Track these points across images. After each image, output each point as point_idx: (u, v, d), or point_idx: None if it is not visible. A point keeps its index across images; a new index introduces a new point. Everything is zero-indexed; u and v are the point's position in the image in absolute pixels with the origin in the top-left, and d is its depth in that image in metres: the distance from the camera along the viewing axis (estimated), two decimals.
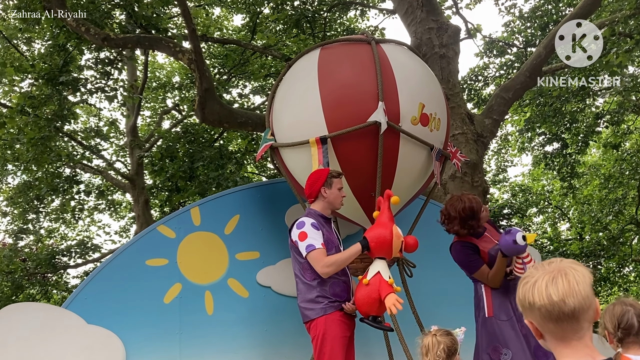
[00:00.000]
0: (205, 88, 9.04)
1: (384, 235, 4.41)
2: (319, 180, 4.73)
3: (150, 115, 19.54)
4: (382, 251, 4.45)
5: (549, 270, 1.85)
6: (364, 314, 4.47)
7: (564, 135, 15.28)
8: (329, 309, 4.43)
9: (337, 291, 4.53)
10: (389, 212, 4.54)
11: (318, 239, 4.44)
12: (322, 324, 4.40)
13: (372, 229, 4.53)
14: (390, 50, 5.69)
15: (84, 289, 5.80)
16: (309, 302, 4.49)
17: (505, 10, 15.05)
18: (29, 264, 15.25)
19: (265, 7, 14.09)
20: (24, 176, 15.99)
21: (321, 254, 4.39)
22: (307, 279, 4.50)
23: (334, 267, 4.39)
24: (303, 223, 4.51)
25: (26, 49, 14.63)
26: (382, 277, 4.37)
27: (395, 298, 4.24)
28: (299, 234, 4.47)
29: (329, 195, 4.72)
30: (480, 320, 4.98)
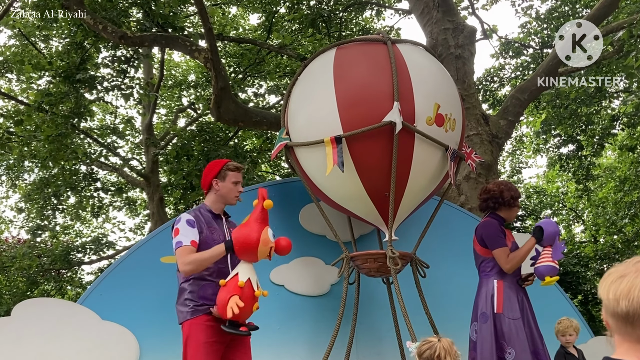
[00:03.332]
0: (221, 87, 9.08)
1: (251, 240, 3.95)
2: (212, 170, 4.48)
3: (166, 114, 19.63)
4: (246, 255, 4.02)
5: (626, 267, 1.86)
6: (224, 317, 4.02)
7: (579, 137, 15.21)
8: (194, 312, 4.14)
9: (207, 294, 4.20)
10: (261, 213, 4.03)
11: (189, 235, 4.15)
12: (186, 328, 4.14)
13: (240, 228, 4.06)
14: (406, 50, 5.69)
15: (99, 285, 5.84)
16: (180, 305, 4.23)
17: (522, 11, 15.01)
18: (44, 260, 15.37)
19: (281, 7, 14.13)
20: (41, 173, 16.13)
21: (186, 251, 4.08)
22: (180, 280, 4.26)
23: (193, 265, 4.05)
24: (179, 219, 4.26)
25: (44, 46, 14.74)
26: (237, 279, 3.96)
27: (235, 300, 3.87)
28: (174, 230, 4.22)
29: (221, 188, 4.45)
30: (487, 314, 5.00)
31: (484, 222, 5.26)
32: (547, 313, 7.04)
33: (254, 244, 3.95)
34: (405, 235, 6.05)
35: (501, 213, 5.31)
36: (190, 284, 4.21)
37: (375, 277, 6.01)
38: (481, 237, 5.19)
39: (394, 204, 5.43)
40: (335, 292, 6.39)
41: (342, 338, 5.79)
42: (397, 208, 5.55)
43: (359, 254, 5.76)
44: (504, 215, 5.31)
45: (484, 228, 5.19)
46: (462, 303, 6.84)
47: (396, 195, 5.41)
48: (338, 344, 5.72)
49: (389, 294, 6.08)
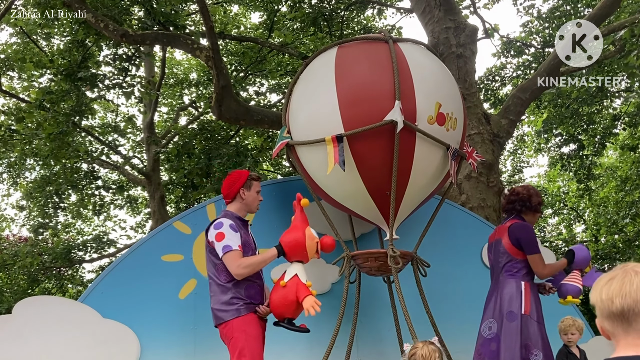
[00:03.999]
0: (222, 85, 9.07)
1: (297, 239, 4.41)
2: (238, 181, 4.72)
3: (167, 112, 19.64)
4: (297, 255, 4.44)
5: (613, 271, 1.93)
6: (279, 316, 4.43)
7: (580, 136, 15.20)
8: (243, 310, 4.38)
9: (251, 293, 4.47)
10: (301, 215, 4.55)
11: (235, 240, 4.40)
12: (238, 324, 4.34)
13: (285, 233, 4.52)
14: (407, 49, 5.68)
15: (100, 283, 5.85)
16: (223, 304, 4.40)
17: (524, 10, 15.00)
18: (45, 257, 15.38)
19: (282, 5, 14.12)
20: (42, 171, 16.14)
21: (237, 255, 4.35)
22: (221, 281, 4.43)
23: (249, 269, 4.36)
24: (221, 224, 4.45)
25: (45, 44, 14.75)
26: (300, 280, 4.35)
27: (313, 300, 4.24)
28: (216, 235, 4.41)
29: (247, 197, 4.73)
30: (515, 313, 5.05)
31: (521, 225, 5.29)
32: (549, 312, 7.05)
33: (302, 242, 4.40)
34: (406, 234, 6.05)
35: (525, 217, 5.40)
36: (234, 284, 4.41)
37: (376, 276, 6.02)
38: (517, 239, 5.22)
39: (395, 203, 5.43)
40: (336, 291, 6.39)
41: (343, 337, 5.78)
42: (398, 207, 5.55)
43: (360, 253, 5.76)
44: (528, 220, 5.40)
45: (523, 231, 5.23)
46: (463, 302, 6.87)
47: (397, 194, 5.41)
48: (339, 343, 5.72)
49: (390, 293, 6.08)
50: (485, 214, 8.86)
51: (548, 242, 18.32)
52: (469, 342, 6.59)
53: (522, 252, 5.18)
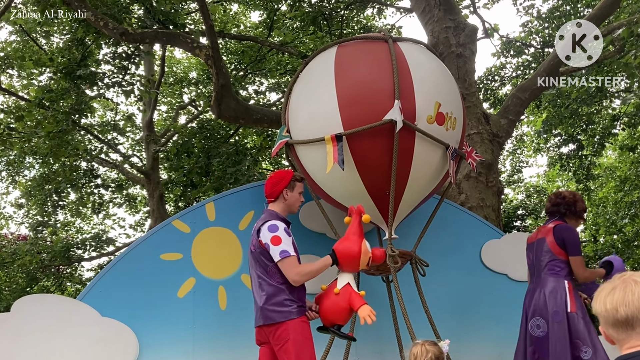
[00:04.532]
0: (222, 84, 9.07)
1: (353, 252, 4.41)
2: (282, 181, 4.70)
3: (166, 111, 19.63)
4: (349, 266, 4.46)
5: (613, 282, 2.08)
6: (329, 322, 4.46)
7: (580, 136, 15.20)
8: (296, 313, 4.38)
9: (301, 296, 4.50)
10: (358, 227, 4.52)
11: (291, 245, 4.41)
12: (294, 326, 4.34)
13: (341, 242, 4.51)
14: (407, 48, 5.68)
15: (99, 281, 5.85)
16: (276, 305, 4.38)
17: (523, 10, 14.99)
18: (44, 256, 15.38)
19: (282, 4, 14.12)
20: (41, 169, 16.13)
21: (295, 261, 4.37)
22: (274, 282, 4.41)
23: (307, 277, 4.40)
24: (276, 227, 4.43)
25: (45, 42, 14.74)
26: (353, 288, 4.40)
27: (369, 310, 4.27)
28: (271, 238, 4.39)
29: (290, 198, 4.70)
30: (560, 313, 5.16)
31: (567, 226, 5.46)
32: None
33: (357, 256, 4.39)
34: (405, 234, 6.06)
35: (568, 220, 5.55)
36: (287, 286, 4.41)
37: (375, 275, 6.02)
38: (562, 239, 5.37)
39: (394, 203, 5.43)
40: None
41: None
42: (397, 206, 5.55)
43: None
44: (570, 224, 5.54)
45: (569, 232, 5.40)
46: (462, 301, 6.89)
47: (396, 193, 5.41)
48: (337, 342, 5.74)
49: (389, 292, 6.08)
50: (484, 213, 8.87)
51: None
52: (468, 342, 6.64)
53: (564, 252, 5.34)
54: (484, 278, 7.12)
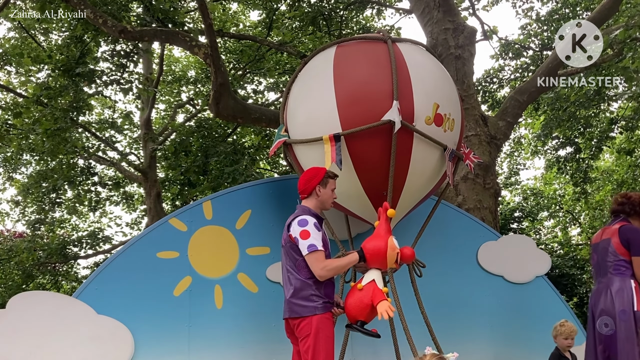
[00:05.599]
0: (220, 83, 9.07)
1: (379, 247, 4.45)
2: (315, 177, 4.72)
3: (164, 109, 19.61)
4: (377, 263, 4.48)
5: None
6: (352, 318, 4.48)
7: (577, 139, 15.21)
8: (321, 309, 4.42)
9: (328, 292, 4.53)
10: (386, 224, 4.59)
11: (319, 240, 4.44)
12: (317, 322, 4.39)
13: (369, 240, 4.56)
14: (406, 49, 5.68)
15: (95, 279, 5.84)
16: (302, 299, 4.45)
17: (523, 12, 15.01)
18: (40, 253, 15.35)
19: (281, 4, 14.10)
20: (38, 166, 16.10)
21: (321, 256, 4.40)
22: (302, 277, 4.47)
23: (333, 272, 4.42)
24: (306, 221, 4.48)
25: (43, 39, 14.71)
26: (376, 285, 4.41)
27: (387, 305, 4.28)
28: (300, 232, 4.44)
29: (323, 194, 4.72)
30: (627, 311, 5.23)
31: (632, 227, 5.50)
32: (544, 315, 7.08)
33: (384, 252, 4.44)
34: (402, 235, 6.03)
35: (633, 221, 5.59)
36: (314, 281, 4.45)
37: None
38: (627, 240, 5.42)
39: (392, 203, 5.42)
40: None
41: (338, 336, 5.77)
42: (394, 207, 5.54)
43: None
44: (635, 224, 5.57)
45: (634, 233, 5.44)
46: (458, 302, 6.89)
47: (394, 194, 5.41)
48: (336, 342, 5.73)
49: None
50: (481, 215, 8.88)
51: (543, 244, 18.32)
52: (463, 343, 6.63)
53: (628, 252, 5.39)
54: (480, 279, 7.13)
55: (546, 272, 7.44)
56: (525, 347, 6.98)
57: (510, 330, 7.03)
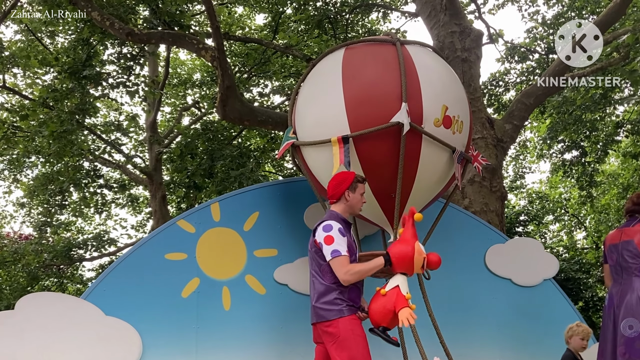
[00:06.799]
0: (227, 85, 9.08)
1: (406, 252, 4.43)
2: (344, 182, 4.69)
3: (170, 112, 19.65)
4: (403, 267, 4.46)
5: None
6: (375, 323, 4.45)
7: (583, 143, 15.21)
8: (346, 311, 4.40)
9: (352, 296, 4.50)
10: (412, 229, 4.57)
11: (343, 245, 4.41)
12: (344, 324, 4.36)
13: (395, 244, 4.55)
14: (414, 51, 5.68)
15: (103, 280, 5.84)
16: (327, 304, 4.43)
17: (528, 16, 15.02)
18: (45, 255, 15.38)
19: (287, 7, 14.13)
20: (43, 169, 16.13)
21: (345, 261, 4.38)
22: (325, 281, 4.46)
23: (356, 276, 4.39)
24: (330, 226, 4.46)
25: (49, 42, 14.76)
26: (400, 291, 4.38)
27: (409, 312, 4.27)
28: (325, 237, 4.43)
29: (352, 199, 4.68)
30: None
31: None
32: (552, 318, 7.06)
33: (410, 257, 4.42)
34: None
35: None
36: (339, 286, 4.44)
37: (380, 278, 6.00)
38: None
39: (400, 205, 5.43)
40: None
41: None
42: (402, 209, 5.54)
43: (364, 255, 5.74)
44: None
45: None
46: (466, 305, 6.88)
47: (402, 196, 5.41)
48: None
49: None
50: (487, 218, 8.87)
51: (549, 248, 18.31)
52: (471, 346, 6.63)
53: None
54: (487, 282, 7.12)
55: (554, 275, 7.43)
56: (533, 350, 6.97)
57: (518, 333, 7.01)
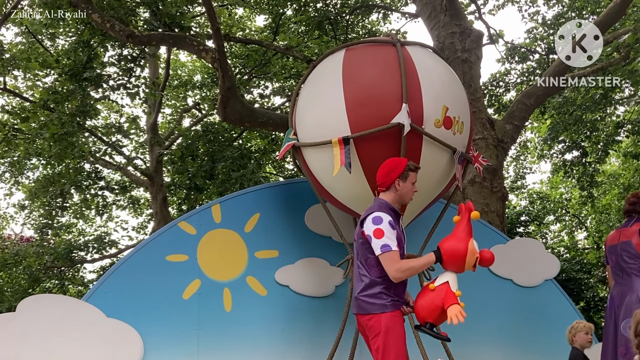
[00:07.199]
0: (228, 87, 9.08)
1: (459, 251, 4.25)
2: (395, 170, 4.51)
3: (170, 113, 19.65)
4: (454, 265, 4.29)
5: None
6: (422, 319, 4.33)
7: (583, 143, 15.20)
8: (391, 307, 4.26)
9: (398, 291, 4.37)
10: (468, 225, 4.38)
11: (394, 239, 4.26)
12: (386, 320, 4.23)
13: (447, 240, 4.36)
14: (415, 52, 5.69)
15: (105, 282, 5.85)
16: (371, 297, 4.29)
17: (529, 16, 15.02)
18: (46, 257, 15.39)
19: (287, 9, 14.13)
20: (44, 171, 16.13)
21: (396, 256, 4.22)
22: (371, 275, 4.32)
23: (407, 273, 4.24)
24: (380, 219, 4.29)
25: (50, 44, 14.76)
26: (450, 288, 4.23)
27: (459, 309, 4.11)
28: (374, 230, 4.25)
29: (402, 188, 4.50)
30: None
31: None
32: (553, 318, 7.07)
33: (463, 255, 4.22)
34: (411, 238, 6.04)
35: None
36: (385, 280, 4.29)
37: None
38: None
39: (401, 206, 5.42)
40: (339, 293, 6.41)
41: (347, 339, 5.79)
42: (403, 210, 5.54)
43: None
44: None
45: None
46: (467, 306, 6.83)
47: None
48: (342, 345, 5.73)
49: None
50: (488, 219, 8.87)
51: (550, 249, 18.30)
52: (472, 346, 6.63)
53: None
54: (489, 283, 7.12)
55: (555, 275, 7.43)
56: (534, 351, 6.98)
57: (519, 333, 7.02)
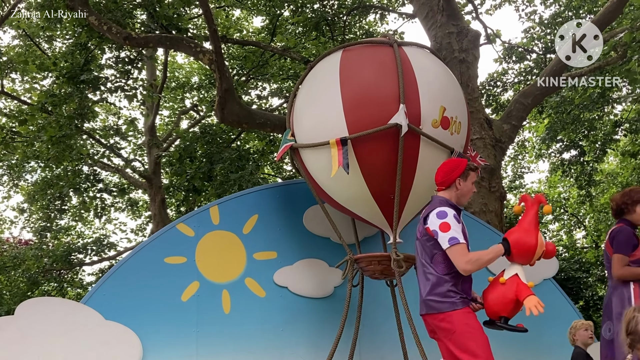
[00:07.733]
0: (225, 88, 9.09)
1: (529, 244, 4.22)
2: (456, 169, 4.47)
3: (168, 115, 19.65)
4: (524, 258, 4.25)
5: None
6: (494, 314, 4.29)
7: (581, 142, 15.21)
8: (460, 304, 4.19)
9: (465, 288, 4.32)
10: (535, 218, 4.30)
11: (460, 232, 4.21)
12: (458, 317, 4.16)
13: (515, 232, 4.30)
14: (412, 52, 5.69)
15: (103, 285, 5.84)
16: (439, 296, 4.23)
17: (526, 16, 15.02)
18: (45, 260, 15.38)
19: (285, 10, 14.14)
20: (42, 174, 16.13)
21: (464, 249, 4.16)
22: (438, 272, 4.26)
23: (477, 265, 4.15)
24: (445, 213, 4.25)
25: (47, 47, 14.76)
26: (521, 279, 4.20)
27: (536, 300, 4.06)
28: (440, 224, 4.21)
29: (462, 188, 4.47)
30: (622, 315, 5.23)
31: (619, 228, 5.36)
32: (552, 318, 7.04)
33: (533, 249, 4.20)
34: (410, 238, 6.03)
35: (630, 217, 5.41)
36: (452, 277, 4.24)
37: (379, 279, 6.01)
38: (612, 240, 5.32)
39: (399, 207, 5.44)
40: (338, 294, 6.39)
41: (346, 340, 5.79)
42: (401, 210, 5.55)
43: (363, 256, 5.76)
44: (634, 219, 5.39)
45: (619, 232, 5.31)
46: None
47: (401, 197, 5.42)
48: (341, 346, 5.72)
49: (393, 297, 6.07)
50: (487, 218, 8.87)
51: None
52: None
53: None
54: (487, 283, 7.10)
55: (554, 274, 7.42)
56: (533, 351, 6.96)
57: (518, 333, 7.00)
